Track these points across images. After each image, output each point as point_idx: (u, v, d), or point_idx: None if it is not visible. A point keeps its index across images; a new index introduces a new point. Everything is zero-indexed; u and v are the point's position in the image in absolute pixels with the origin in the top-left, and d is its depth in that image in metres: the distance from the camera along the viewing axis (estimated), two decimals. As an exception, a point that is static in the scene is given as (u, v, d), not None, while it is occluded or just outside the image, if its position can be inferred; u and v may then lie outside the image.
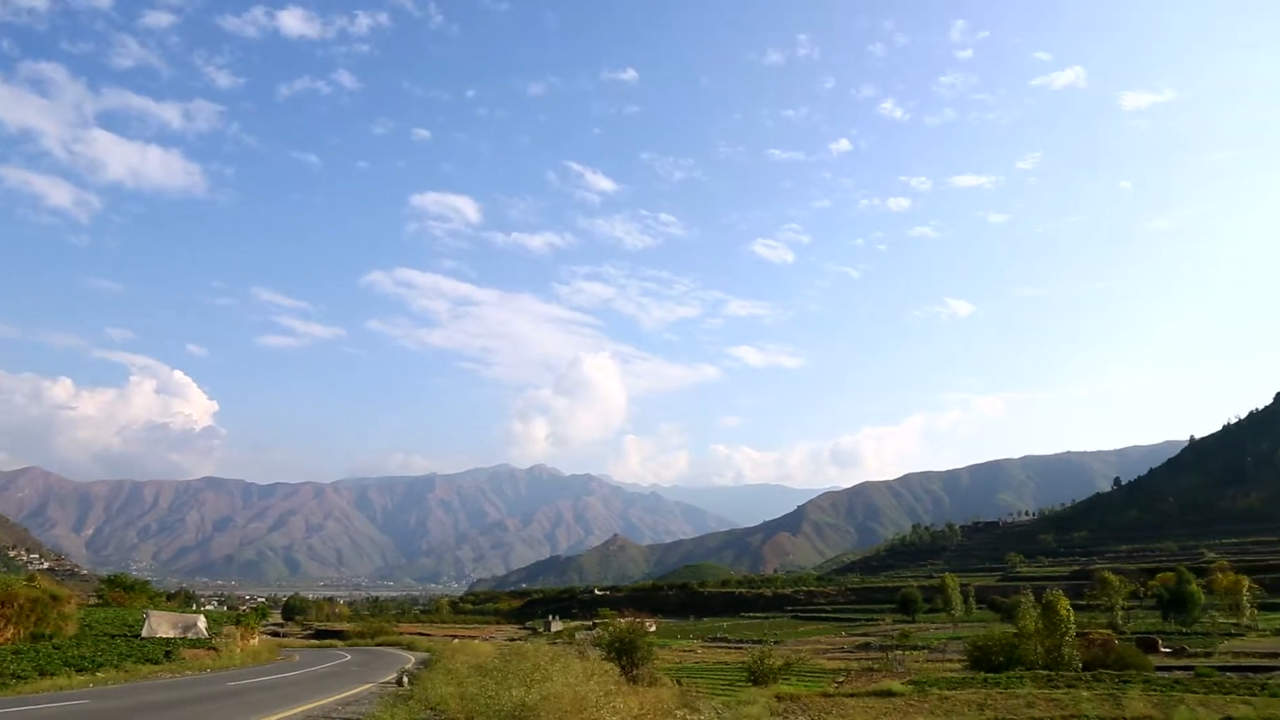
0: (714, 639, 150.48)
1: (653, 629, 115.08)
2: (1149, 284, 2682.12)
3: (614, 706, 21.68)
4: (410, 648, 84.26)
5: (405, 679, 36.94)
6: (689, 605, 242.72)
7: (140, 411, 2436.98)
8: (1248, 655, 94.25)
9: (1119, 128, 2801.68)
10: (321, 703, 28.06)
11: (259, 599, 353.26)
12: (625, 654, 52.12)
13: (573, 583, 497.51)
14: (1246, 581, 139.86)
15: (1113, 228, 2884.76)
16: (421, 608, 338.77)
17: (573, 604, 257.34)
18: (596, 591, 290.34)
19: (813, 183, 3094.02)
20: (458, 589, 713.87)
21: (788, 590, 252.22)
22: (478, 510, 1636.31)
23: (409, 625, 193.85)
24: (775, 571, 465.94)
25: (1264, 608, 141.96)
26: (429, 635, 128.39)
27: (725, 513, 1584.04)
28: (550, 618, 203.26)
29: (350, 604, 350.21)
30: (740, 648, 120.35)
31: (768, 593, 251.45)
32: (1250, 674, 73.59)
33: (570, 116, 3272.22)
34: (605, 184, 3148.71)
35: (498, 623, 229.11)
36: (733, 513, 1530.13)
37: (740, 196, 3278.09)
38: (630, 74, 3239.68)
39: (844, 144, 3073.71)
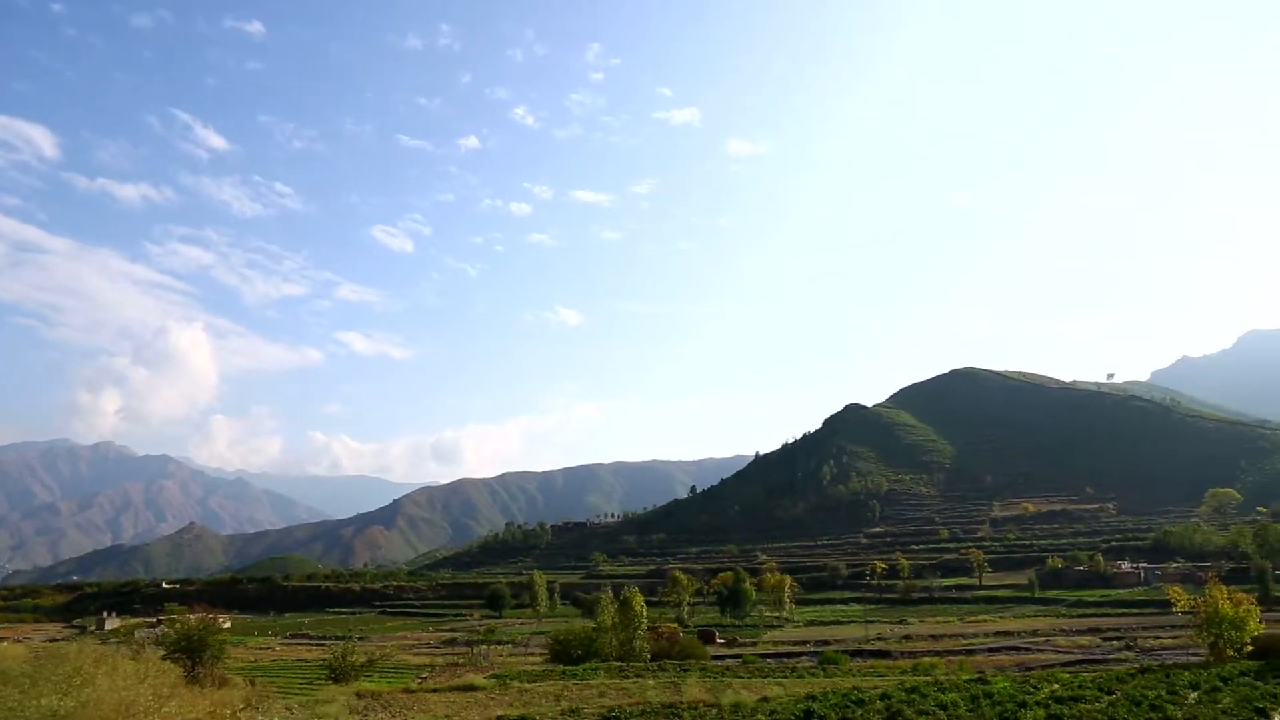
0: (295, 635, 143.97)
1: (227, 625, 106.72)
2: (737, 313, 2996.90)
3: (167, 712, 19.44)
4: (-90, 651, 70.29)
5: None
6: (271, 600, 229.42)
7: None
8: (784, 643, 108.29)
9: (724, 170, 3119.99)
10: None
11: None
12: (193, 653, 47.88)
13: (137, 575, 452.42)
14: (789, 580, 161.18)
15: (710, 257, 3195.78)
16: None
17: (135, 599, 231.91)
18: (165, 585, 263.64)
19: (438, 175, 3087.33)
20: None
21: (377, 585, 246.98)
22: (22, 490, 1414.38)
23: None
24: (366, 566, 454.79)
25: (801, 603, 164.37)
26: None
27: (318, 503, 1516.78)
28: (105, 614, 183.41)
29: None
30: (323, 644, 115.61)
31: (356, 588, 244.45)
32: (785, 659, 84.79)
33: (181, 60, 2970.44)
34: (217, 141, 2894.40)
35: (37, 621, 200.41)
36: (326, 503, 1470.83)
37: (364, 178, 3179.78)
38: (256, 27, 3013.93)
39: (473, 141, 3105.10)
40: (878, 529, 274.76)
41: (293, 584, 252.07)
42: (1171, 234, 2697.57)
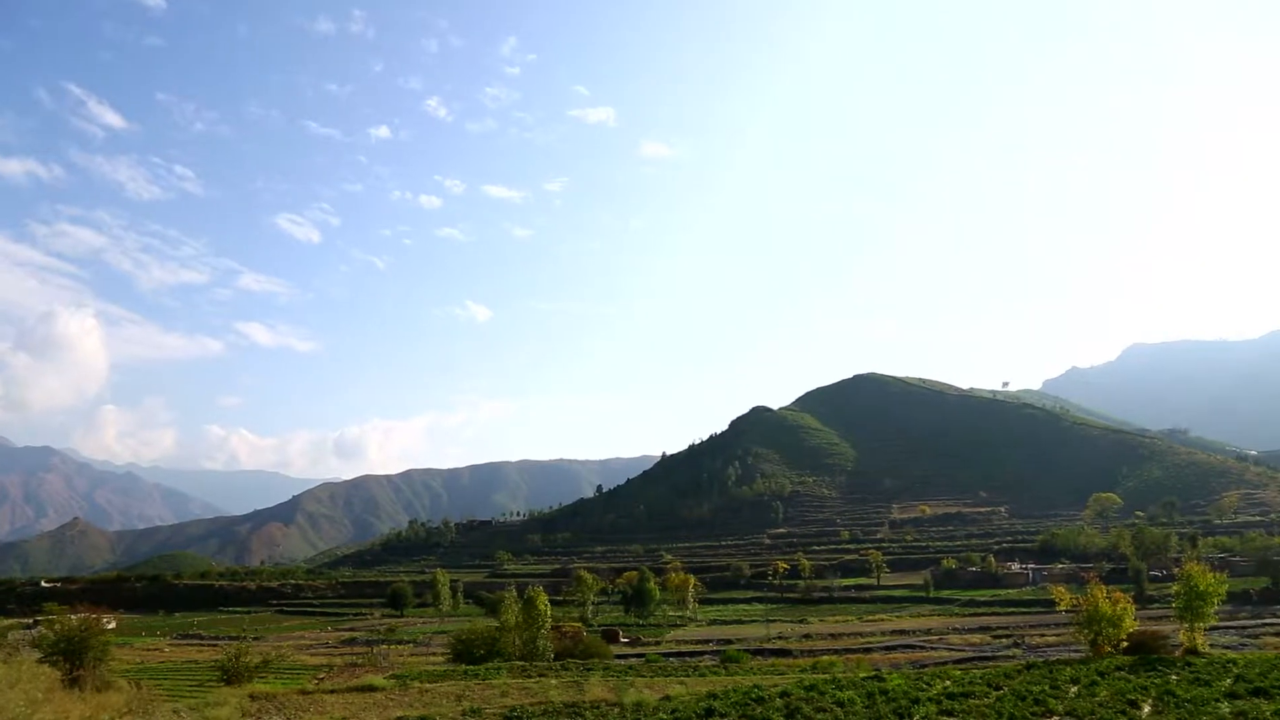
0: (186, 636, 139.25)
1: (112, 626, 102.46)
2: (647, 314, 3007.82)
3: (40, 718, 18.43)
4: None
5: None
6: (161, 599, 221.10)
7: None
8: (687, 642, 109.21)
9: (638, 171, 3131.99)
10: None
11: None
12: (73, 655, 45.64)
13: (13, 573, 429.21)
14: (693, 580, 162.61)
15: (621, 258, 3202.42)
16: None
17: (10, 598, 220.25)
18: (44, 583, 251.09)
19: (347, 164, 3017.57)
20: None
21: (274, 584, 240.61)
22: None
23: None
24: (263, 563, 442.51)
25: (704, 602, 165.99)
26: None
27: (213, 499, 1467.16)
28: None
29: None
30: (215, 645, 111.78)
31: (252, 586, 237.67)
32: (688, 658, 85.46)
33: (74, 31, 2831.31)
34: (112, 119, 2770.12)
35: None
36: (222, 499, 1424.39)
37: (269, 164, 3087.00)
38: (156, 0, 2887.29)
39: (384, 131, 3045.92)
40: (781, 530, 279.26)
41: (184, 582, 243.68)
42: (1065, 249, 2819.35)
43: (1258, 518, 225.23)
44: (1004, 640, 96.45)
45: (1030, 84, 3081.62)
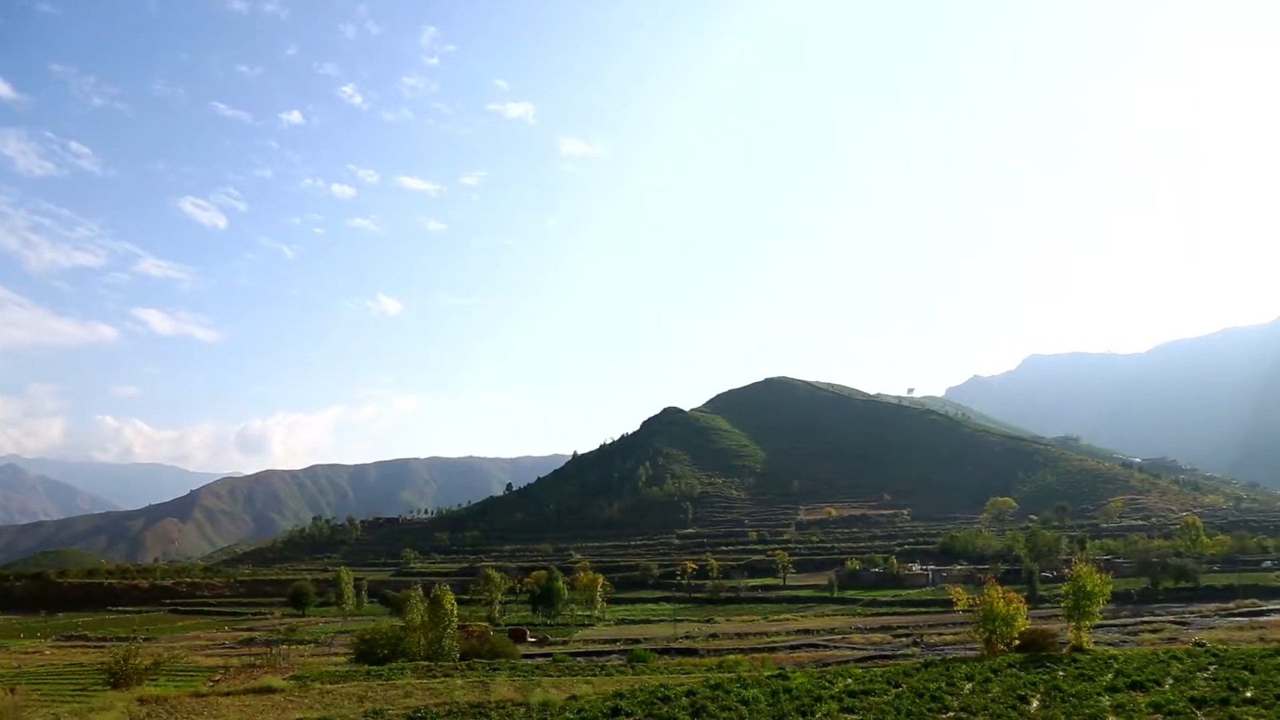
0: (70, 637, 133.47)
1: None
2: (561, 312, 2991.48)
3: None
4: None
5: None
6: (43, 599, 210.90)
7: None
8: (595, 641, 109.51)
9: (556, 168, 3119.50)
10: None
11: None
12: (-56, 657, 43.35)
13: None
14: (601, 579, 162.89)
15: (536, 255, 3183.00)
16: None
17: None
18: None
19: (256, 149, 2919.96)
20: None
21: (168, 582, 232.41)
22: None
23: None
24: (156, 561, 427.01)
25: (613, 601, 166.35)
26: None
27: (104, 493, 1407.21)
28: None
29: None
30: (102, 646, 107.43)
31: (144, 584, 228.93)
32: (595, 657, 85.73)
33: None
34: (0, 88, 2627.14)
35: None
36: (113, 494, 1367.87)
37: (173, 145, 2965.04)
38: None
39: (296, 117, 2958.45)
40: (690, 530, 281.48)
41: (69, 580, 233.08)
42: (972, 259, 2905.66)
43: (1140, 521, 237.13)
44: (904, 639, 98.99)
45: (961, 85, 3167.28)
